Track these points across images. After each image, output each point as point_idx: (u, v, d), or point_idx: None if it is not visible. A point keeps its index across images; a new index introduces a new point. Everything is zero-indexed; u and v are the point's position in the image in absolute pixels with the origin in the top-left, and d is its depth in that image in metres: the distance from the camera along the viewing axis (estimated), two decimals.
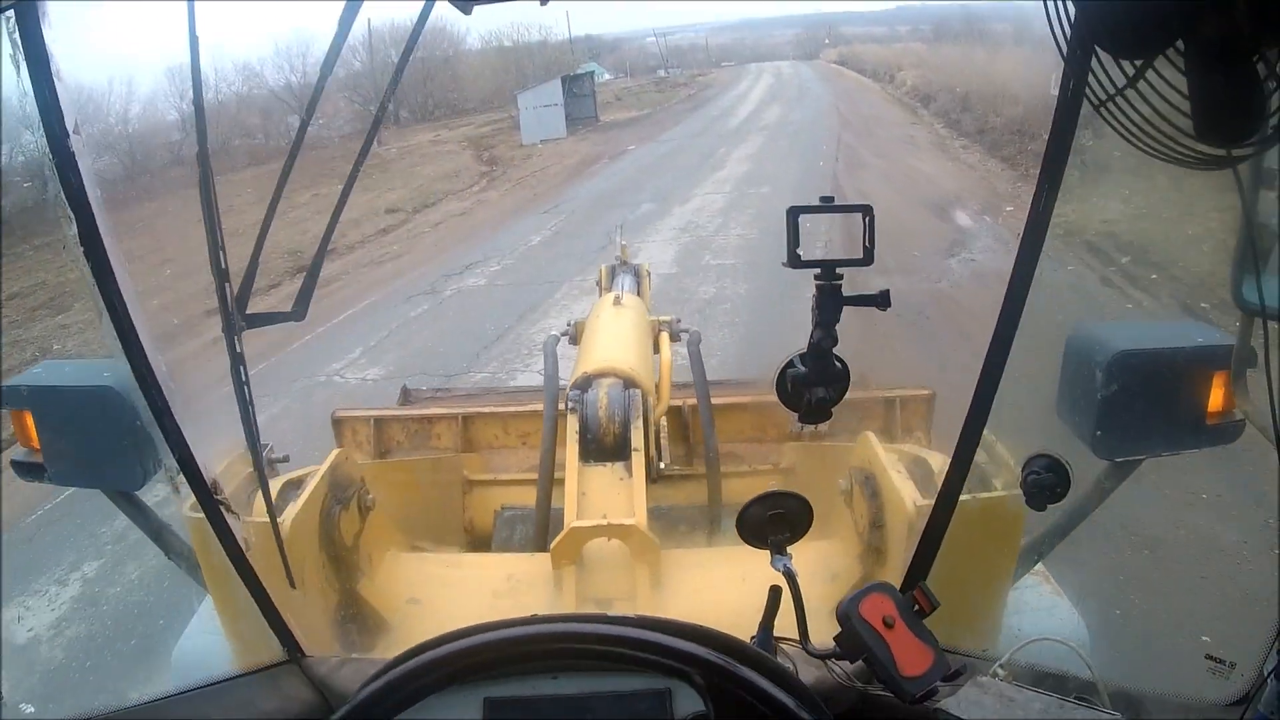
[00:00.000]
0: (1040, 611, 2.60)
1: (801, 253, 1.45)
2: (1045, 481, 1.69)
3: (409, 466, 3.57)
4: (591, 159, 27.43)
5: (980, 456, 2.39)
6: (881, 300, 1.49)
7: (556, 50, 51.55)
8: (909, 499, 2.22)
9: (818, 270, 1.49)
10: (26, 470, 2.20)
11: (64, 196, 1.37)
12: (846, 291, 1.50)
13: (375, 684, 1.26)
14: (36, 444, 2.19)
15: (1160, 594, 4.74)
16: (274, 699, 1.74)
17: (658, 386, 3.26)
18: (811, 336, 1.56)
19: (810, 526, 1.59)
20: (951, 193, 16.71)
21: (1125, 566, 4.84)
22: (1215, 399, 2.04)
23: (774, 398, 3.80)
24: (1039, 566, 2.52)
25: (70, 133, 1.34)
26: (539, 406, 3.72)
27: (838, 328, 1.55)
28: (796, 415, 1.66)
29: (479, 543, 3.48)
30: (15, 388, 2.19)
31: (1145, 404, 2.04)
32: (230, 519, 1.74)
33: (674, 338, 3.80)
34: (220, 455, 2.26)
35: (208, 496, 1.70)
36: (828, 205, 1.48)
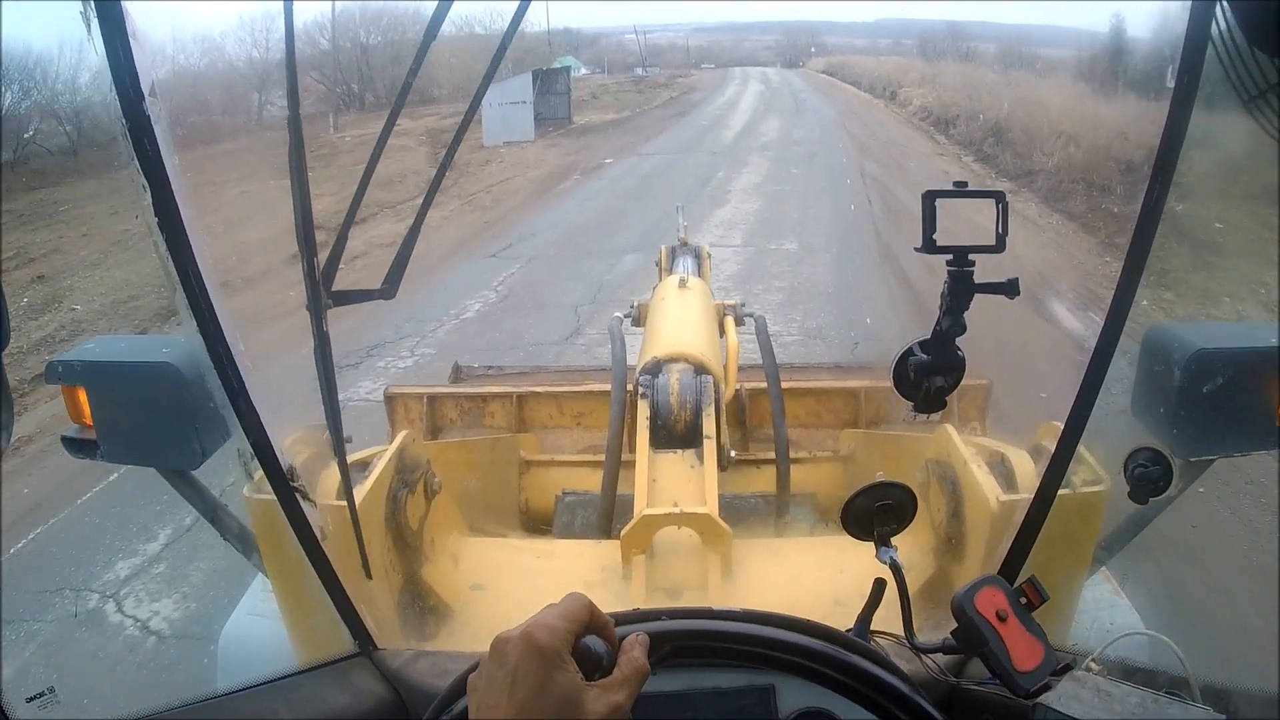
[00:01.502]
0: (1101, 611, 2.58)
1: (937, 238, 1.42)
2: (1152, 475, 1.67)
3: (468, 447, 3.56)
4: (561, 173, 23.03)
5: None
6: (1010, 289, 1.46)
7: (534, 41, 48.41)
8: (991, 494, 2.20)
9: (950, 258, 1.46)
10: (78, 447, 2.18)
11: (138, 164, 1.32)
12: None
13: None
14: (90, 421, 2.16)
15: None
16: (345, 694, 1.71)
17: (725, 371, 3.22)
18: (938, 323, 1.53)
19: (915, 517, 1.56)
20: (1030, 267, 10.66)
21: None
22: None
23: (830, 383, 3.83)
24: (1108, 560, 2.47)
25: (146, 95, 1.29)
26: (594, 387, 3.81)
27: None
28: (911, 404, 1.63)
29: (535, 525, 3.48)
30: (69, 363, 2.15)
31: (1221, 403, 2.01)
32: (306, 506, 1.70)
33: (738, 321, 3.76)
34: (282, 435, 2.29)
35: (283, 482, 1.66)
36: (961, 190, 1.45)
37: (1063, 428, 1.63)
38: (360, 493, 2.27)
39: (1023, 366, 5.80)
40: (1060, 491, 1.74)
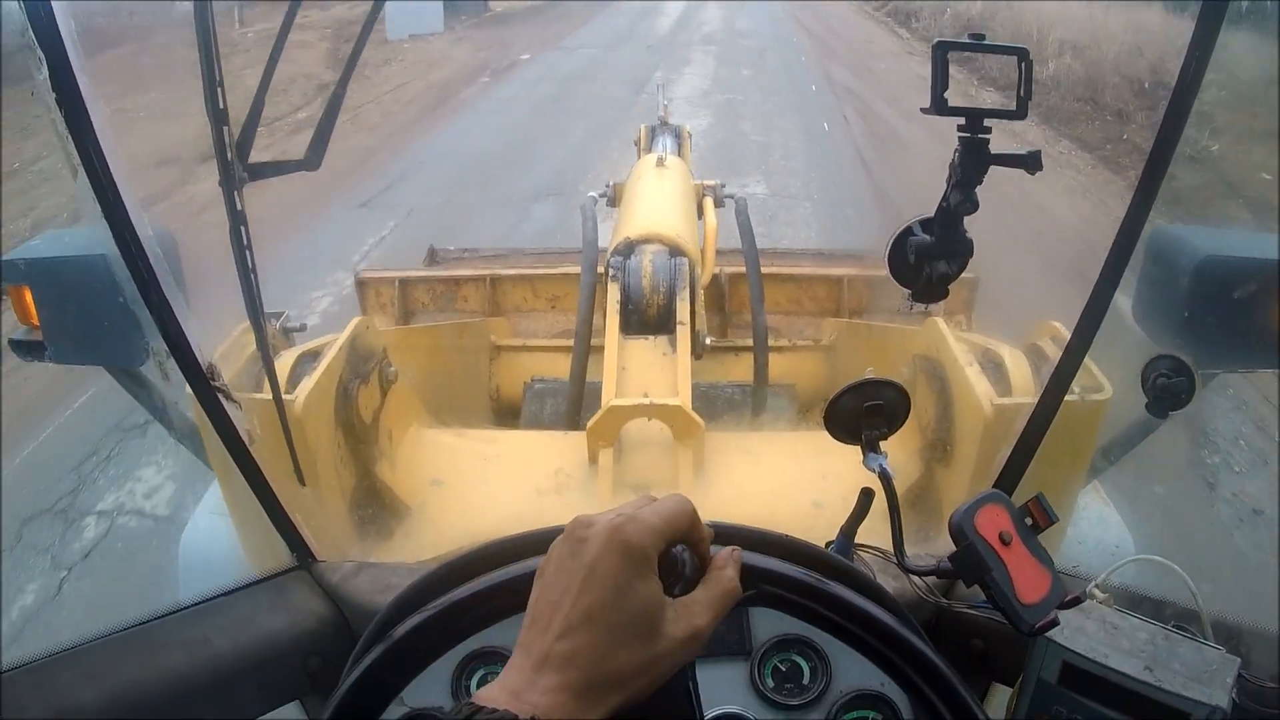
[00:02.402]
0: (1090, 523, 2.51)
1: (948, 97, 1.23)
2: (1175, 386, 1.54)
3: (434, 332, 3.44)
4: (468, 75, 18.80)
5: (1053, 351, 2.27)
6: (1033, 162, 1.28)
7: None
8: (985, 398, 2.09)
9: (962, 122, 1.27)
10: (26, 350, 2.09)
11: (32, 35, 1.16)
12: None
13: (411, 623, 1.10)
14: (36, 321, 2.07)
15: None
16: (282, 611, 1.59)
17: (702, 254, 3.10)
18: (945, 199, 1.32)
19: (907, 420, 1.39)
20: (1072, 231, 8.84)
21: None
22: None
23: (813, 269, 3.73)
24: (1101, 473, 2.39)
25: None
26: (570, 269, 3.66)
27: None
28: (909, 292, 1.44)
29: (505, 414, 3.40)
30: (13, 261, 2.05)
31: (1229, 315, 1.90)
32: (230, 408, 1.55)
33: (718, 203, 3.63)
34: (230, 327, 2.15)
35: (203, 383, 1.51)
36: (978, 44, 1.27)
37: (1073, 328, 1.48)
38: (307, 386, 2.17)
39: None
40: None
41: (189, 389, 1.89)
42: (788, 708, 1.33)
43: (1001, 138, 1.26)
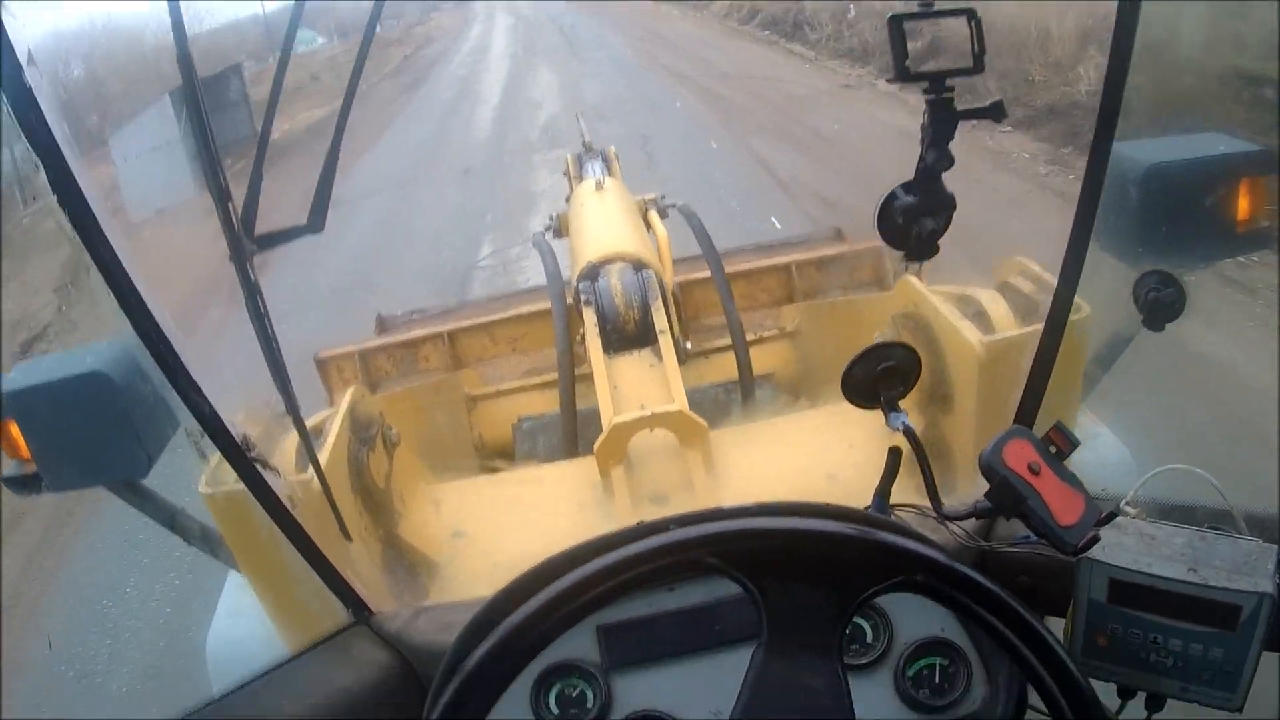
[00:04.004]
0: (1085, 442, 2.56)
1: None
2: (1165, 299, 1.60)
3: (412, 394, 3.44)
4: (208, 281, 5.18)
5: (1025, 286, 2.33)
6: (996, 111, 1.36)
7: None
8: (974, 338, 2.16)
9: (926, 85, 1.35)
10: (21, 484, 2.05)
11: (28, 141, 1.17)
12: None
13: (484, 648, 1.10)
14: (27, 453, 2.03)
15: None
16: (349, 668, 1.60)
17: (661, 264, 3.14)
18: (922, 159, 1.42)
19: (920, 374, 1.47)
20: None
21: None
22: (1244, 207, 1.99)
23: (759, 263, 3.78)
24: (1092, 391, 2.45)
25: (24, 63, 1.14)
26: (524, 309, 3.73)
27: None
28: (902, 254, 1.53)
29: (494, 461, 3.40)
30: None
31: (1179, 216, 1.98)
32: (269, 475, 1.57)
33: (662, 214, 3.69)
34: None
35: (240, 457, 1.52)
36: (928, 11, 1.33)
37: (1064, 254, 1.51)
38: (323, 459, 2.15)
39: None
40: (1040, 325, 1.68)
41: (202, 492, 1.93)
42: (855, 668, 1.37)
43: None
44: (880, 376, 1.43)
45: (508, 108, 19.52)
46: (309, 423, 2.43)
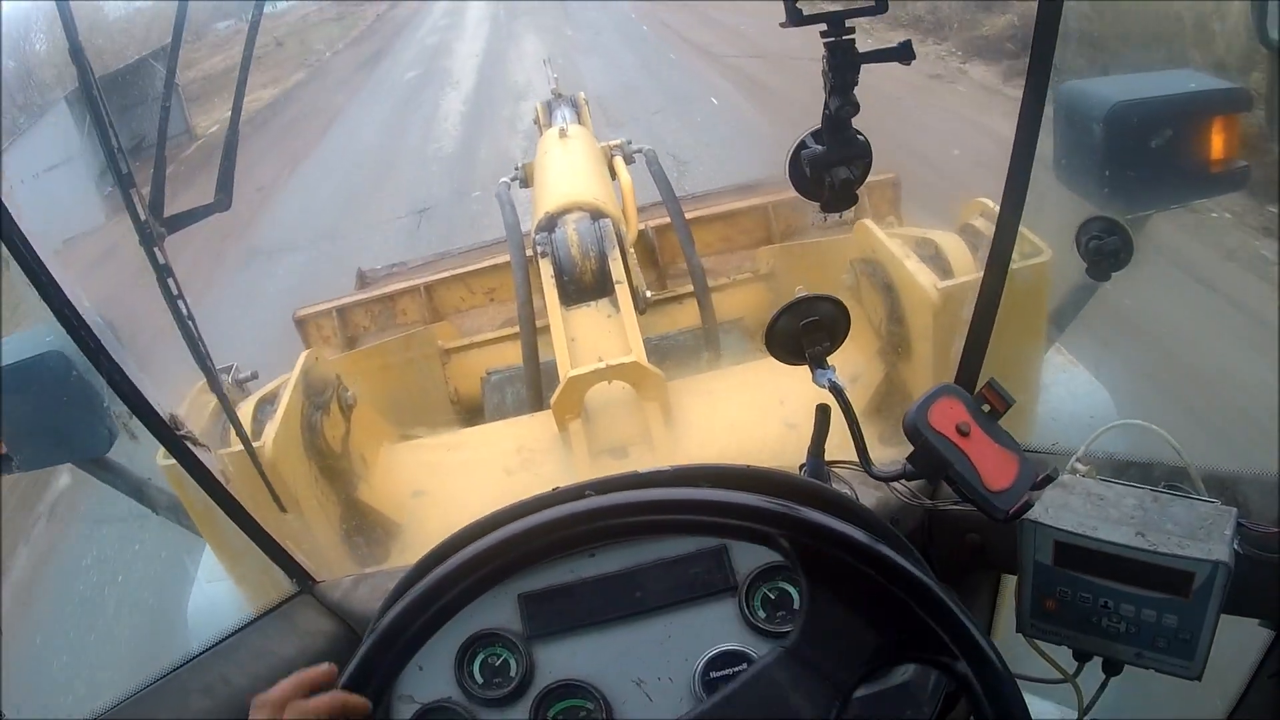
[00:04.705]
0: (1060, 387, 2.52)
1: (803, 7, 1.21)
2: (1109, 246, 1.54)
3: (381, 350, 3.41)
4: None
5: (987, 228, 2.28)
6: (904, 53, 1.27)
7: None
8: (929, 284, 2.11)
9: (823, 27, 1.25)
10: None
11: None
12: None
13: (395, 610, 1.10)
14: None
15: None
16: (292, 637, 1.61)
17: (624, 213, 3.09)
18: (826, 106, 1.32)
19: (848, 329, 1.39)
20: None
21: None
22: (1217, 146, 1.89)
23: (736, 204, 3.73)
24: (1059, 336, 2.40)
25: None
26: (500, 259, 3.67)
27: None
28: (818, 204, 1.44)
29: (470, 414, 3.37)
30: None
31: (1148, 156, 1.88)
32: (200, 452, 1.57)
33: (628, 160, 3.62)
34: (182, 387, 2.13)
35: (170, 435, 1.52)
36: None
37: (1001, 200, 1.45)
38: (272, 428, 2.18)
39: None
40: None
41: (159, 464, 1.91)
42: (783, 634, 1.33)
43: None
44: (805, 331, 1.36)
45: (483, 96, 15.61)
46: (268, 388, 2.46)
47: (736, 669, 1.28)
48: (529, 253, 2.84)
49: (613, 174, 3.46)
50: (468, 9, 27.83)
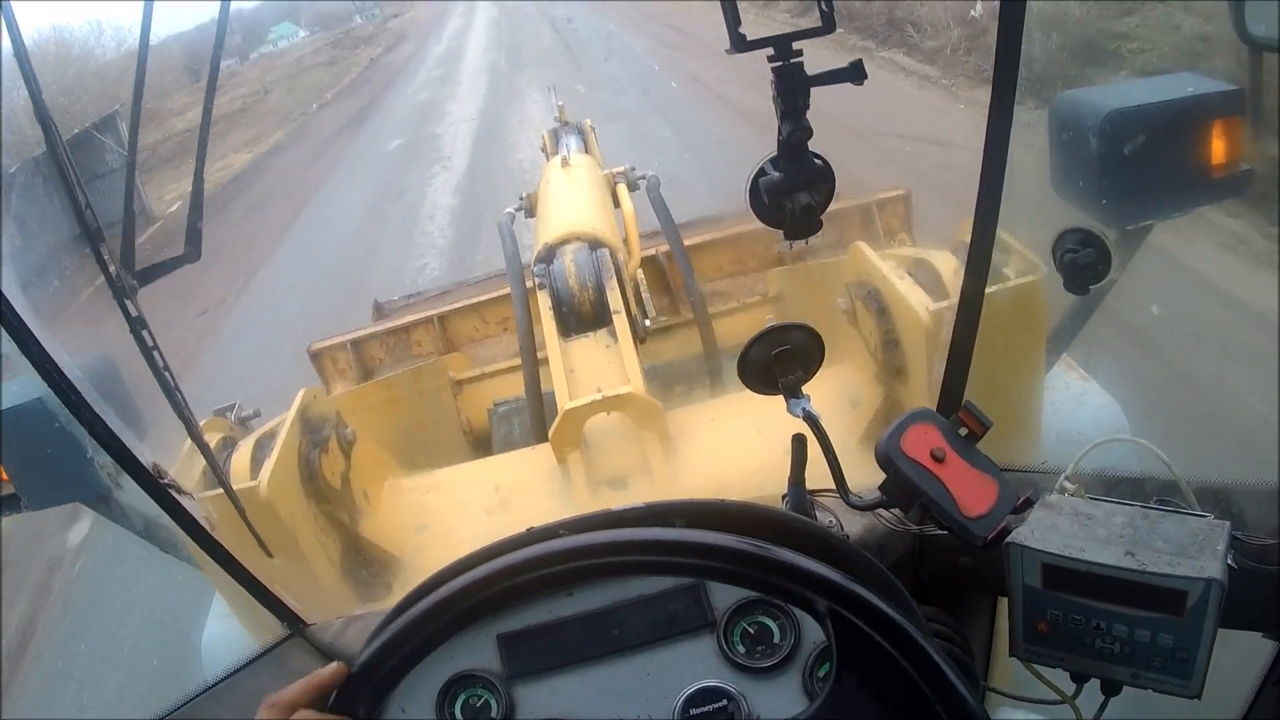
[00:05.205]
0: (1072, 403, 2.49)
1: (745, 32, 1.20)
2: (1084, 259, 1.52)
3: (389, 384, 3.44)
4: None
5: None
6: (855, 73, 1.25)
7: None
8: (920, 306, 2.10)
9: (770, 52, 1.24)
10: (2, 505, 2.03)
11: None
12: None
13: (371, 648, 1.15)
14: (4, 475, 2.01)
15: None
16: (284, 679, 1.57)
17: (626, 242, 3.10)
18: (779, 132, 1.31)
19: (823, 358, 1.39)
20: None
21: None
22: (1218, 150, 1.87)
23: (746, 227, 3.73)
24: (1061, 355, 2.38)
25: None
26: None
27: None
28: (782, 233, 1.42)
29: (481, 445, 3.39)
30: None
31: (1147, 164, 1.86)
32: (184, 500, 1.59)
33: (632, 187, 3.61)
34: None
35: (153, 483, 1.54)
36: None
37: (974, 216, 1.42)
38: (268, 466, 2.18)
39: None
40: (990, 289, 1.59)
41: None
42: (763, 670, 1.31)
43: None
44: (777, 360, 1.36)
45: (479, 181, 13.08)
46: (267, 427, 2.46)
47: (716, 705, 1.27)
48: (530, 285, 2.84)
49: (616, 202, 3.46)
50: (464, 54, 27.11)
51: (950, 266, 2.22)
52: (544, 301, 2.65)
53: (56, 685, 5.44)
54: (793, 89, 1.25)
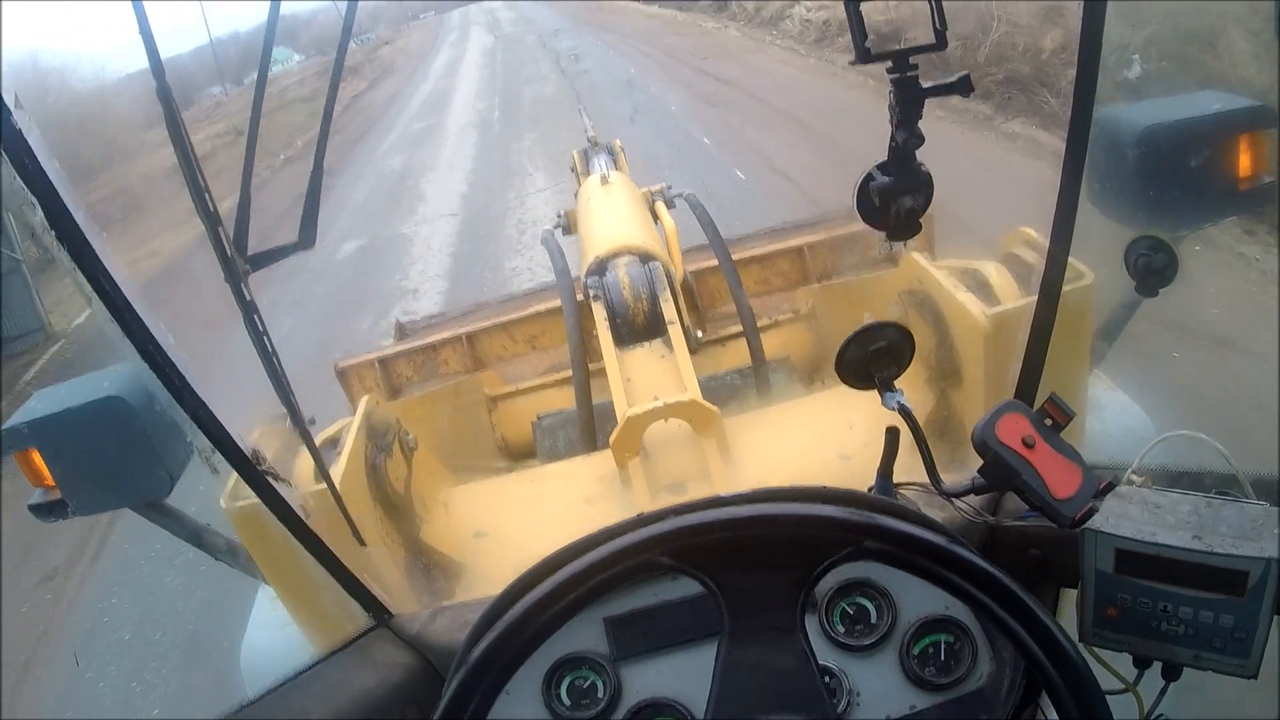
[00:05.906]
0: (1103, 409, 2.57)
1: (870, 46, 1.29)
2: (1156, 264, 1.60)
3: (431, 399, 3.47)
4: None
5: (1029, 256, 2.33)
6: (963, 86, 1.35)
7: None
8: (978, 313, 2.17)
9: (889, 64, 1.34)
10: (47, 511, 2.07)
11: (21, 181, 1.20)
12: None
13: (485, 641, 1.12)
14: (50, 480, 2.05)
15: None
16: (370, 670, 1.63)
17: (669, 254, 3.14)
18: (893, 139, 1.41)
19: (914, 354, 1.46)
20: None
21: None
22: (1245, 163, 1.95)
23: (772, 247, 3.79)
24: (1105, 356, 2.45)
25: (12, 107, 1.17)
26: (541, 307, 3.73)
27: None
28: (884, 234, 1.52)
29: (517, 459, 3.43)
30: (14, 428, 2.03)
31: (1179, 177, 1.95)
32: (281, 488, 1.60)
33: (669, 204, 3.68)
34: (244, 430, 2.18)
35: (252, 470, 1.55)
36: None
37: (1050, 228, 1.51)
38: (338, 470, 2.21)
39: None
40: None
41: (224, 507, 1.96)
42: (862, 648, 1.38)
43: None
44: (873, 357, 1.44)
45: (474, 222, 11.14)
46: (328, 432, 2.49)
47: None
48: (579, 297, 2.90)
49: (656, 218, 3.53)
50: (452, 99, 23.51)
51: (1002, 276, 2.29)
52: (599, 313, 2.70)
53: None
54: (908, 99, 1.35)
